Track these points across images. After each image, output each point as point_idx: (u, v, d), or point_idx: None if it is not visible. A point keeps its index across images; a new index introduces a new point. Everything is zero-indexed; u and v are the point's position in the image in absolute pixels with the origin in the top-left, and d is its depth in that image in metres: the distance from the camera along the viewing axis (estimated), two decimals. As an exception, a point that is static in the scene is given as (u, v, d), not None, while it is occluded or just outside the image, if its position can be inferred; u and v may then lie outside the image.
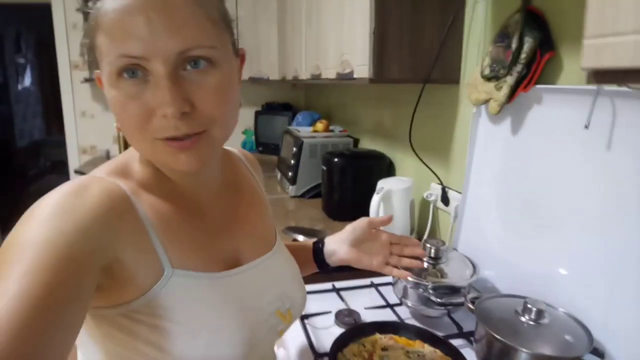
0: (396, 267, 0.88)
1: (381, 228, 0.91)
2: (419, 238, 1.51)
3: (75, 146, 3.37)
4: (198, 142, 0.51)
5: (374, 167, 1.76)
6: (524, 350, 0.75)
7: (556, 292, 0.93)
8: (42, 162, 6.64)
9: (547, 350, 0.76)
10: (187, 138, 0.50)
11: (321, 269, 0.88)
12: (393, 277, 0.89)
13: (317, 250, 0.87)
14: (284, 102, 3.18)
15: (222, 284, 0.58)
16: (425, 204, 1.51)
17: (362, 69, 1.27)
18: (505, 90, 1.02)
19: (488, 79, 1.08)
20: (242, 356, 0.55)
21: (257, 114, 3.07)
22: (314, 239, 0.91)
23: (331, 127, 2.21)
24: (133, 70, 0.48)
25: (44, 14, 3.27)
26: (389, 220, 0.90)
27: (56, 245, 0.41)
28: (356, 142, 2.17)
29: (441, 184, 1.41)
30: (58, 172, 6.38)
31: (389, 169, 1.79)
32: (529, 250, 1.05)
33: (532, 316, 0.81)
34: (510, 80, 1.01)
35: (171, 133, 0.49)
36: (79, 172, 2.94)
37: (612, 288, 0.84)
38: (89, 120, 3.34)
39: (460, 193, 1.32)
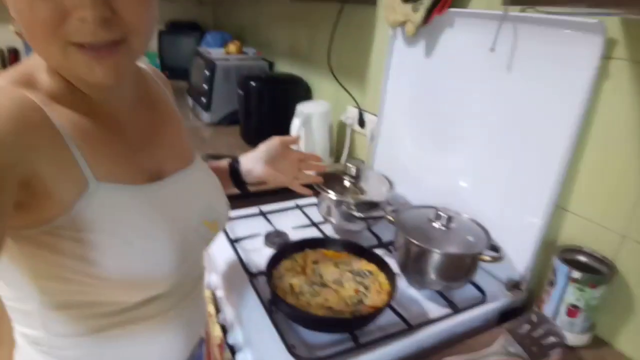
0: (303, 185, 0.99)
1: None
2: (337, 159, 1.58)
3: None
4: (116, 52, 0.48)
5: (292, 91, 1.75)
6: (436, 251, 0.86)
7: (460, 202, 1.05)
8: None
9: (455, 249, 0.88)
10: (103, 47, 0.47)
11: (239, 187, 0.93)
12: (299, 193, 0.98)
13: (234, 170, 0.91)
14: (191, 21, 2.95)
15: (149, 195, 0.58)
16: (342, 126, 1.56)
17: (279, -14, 1.22)
18: (421, 12, 1.06)
19: (406, 0, 1.10)
20: (176, 263, 0.57)
21: (161, 34, 2.81)
22: (228, 159, 0.93)
23: (244, 49, 2.12)
24: None
25: None
26: (297, 139, 0.98)
27: None
28: (271, 65, 2.12)
29: (358, 107, 1.46)
30: None
31: (306, 93, 1.80)
32: (437, 166, 1.15)
33: (443, 222, 0.92)
34: (426, 2, 1.04)
35: (88, 39, 0.46)
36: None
37: (505, 197, 0.97)
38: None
39: (376, 115, 1.38)
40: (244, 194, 0.95)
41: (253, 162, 0.92)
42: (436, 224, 0.92)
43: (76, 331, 0.56)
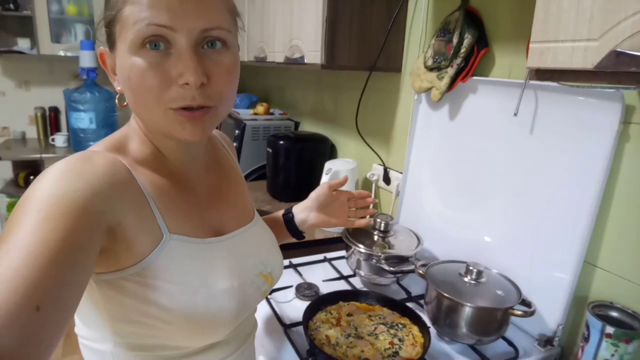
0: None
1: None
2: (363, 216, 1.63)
3: (-16, 127, 3.08)
4: (206, 114, 0.56)
5: (317, 149, 1.84)
6: (468, 304, 0.89)
7: (487, 257, 1.08)
8: None
9: (486, 304, 0.90)
10: (196, 110, 0.55)
11: (295, 236, 0.97)
12: (355, 227, 1.01)
13: (289, 221, 0.95)
14: (218, 84, 3.13)
15: (212, 248, 0.63)
16: (367, 183, 1.62)
17: (313, 54, 1.33)
18: (446, 80, 1.15)
19: (431, 69, 1.20)
20: (235, 311, 0.62)
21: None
22: (282, 211, 0.98)
23: (271, 110, 2.25)
24: (156, 42, 0.53)
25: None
26: (345, 180, 1.00)
27: (72, 199, 0.45)
28: (296, 125, 2.23)
29: (383, 164, 1.53)
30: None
31: (331, 151, 1.88)
32: (463, 222, 1.20)
33: (473, 277, 0.95)
34: (450, 71, 1.14)
35: (187, 102, 0.54)
36: (-9, 156, 2.70)
37: (533, 252, 1.00)
38: (-1, 98, 3.05)
39: (400, 173, 1.44)
40: (299, 241, 1.00)
41: (306, 212, 0.96)
42: (466, 279, 0.95)
43: None
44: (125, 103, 0.61)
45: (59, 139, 2.94)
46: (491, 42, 1.11)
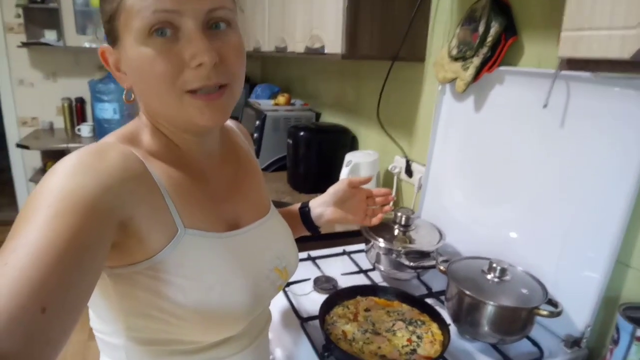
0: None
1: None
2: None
3: (14, 117, 3.15)
4: (223, 95, 0.56)
5: (338, 140, 1.82)
6: (490, 303, 0.86)
7: (513, 254, 1.04)
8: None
9: (510, 303, 0.87)
10: (213, 91, 0.55)
11: (311, 230, 0.95)
12: (373, 224, 1.00)
13: (305, 215, 0.94)
14: (240, 74, 3.13)
15: (228, 242, 0.62)
16: (389, 175, 1.59)
17: (334, 44, 1.30)
18: (471, 70, 1.10)
19: (455, 59, 1.16)
20: (249, 306, 0.61)
21: (212, 85, 3.00)
22: (299, 205, 0.96)
23: (292, 101, 2.23)
24: (162, 29, 0.52)
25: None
26: (368, 180, 0.99)
27: (82, 196, 0.44)
28: (318, 115, 2.21)
29: (405, 157, 1.50)
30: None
31: (352, 143, 1.86)
32: (488, 217, 1.16)
33: (497, 274, 0.92)
34: (476, 61, 1.09)
35: (203, 82, 0.53)
36: (21, 146, 2.77)
37: (561, 250, 0.96)
38: (27, 89, 3.12)
39: (423, 165, 1.41)
40: (313, 236, 0.98)
41: (323, 206, 0.94)
42: (489, 276, 0.92)
43: None
44: (132, 98, 0.61)
45: (85, 129, 3.00)
46: (520, 31, 1.06)
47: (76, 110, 3.19)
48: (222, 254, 0.60)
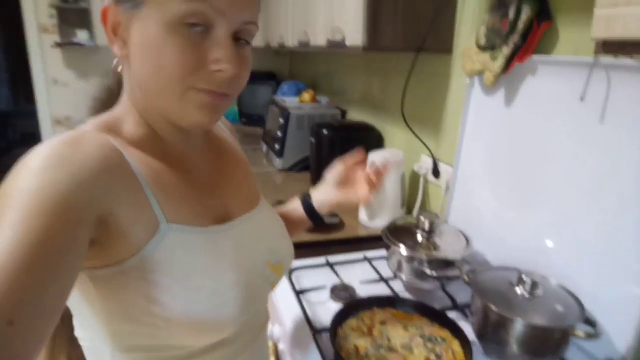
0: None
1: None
2: (410, 211, 1.52)
3: (48, 117, 3.24)
4: (224, 100, 0.55)
5: (364, 139, 1.74)
6: (520, 321, 0.77)
7: (547, 264, 0.94)
8: (11, 134, 6.38)
9: (542, 321, 0.78)
10: (218, 97, 0.54)
11: (314, 221, 0.89)
12: (372, 198, 0.87)
13: (307, 205, 0.88)
14: (268, 71, 3.10)
15: (216, 237, 0.59)
16: (415, 176, 1.51)
17: (354, 36, 1.23)
18: (501, 61, 1.01)
19: (484, 49, 1.06)
20: (241, 306, 0.57)
21: (240, 83, 2.98)
22: (299, 196, 0.90)
23: (318, 98, 2.17)
24: (197, 24, 0.51)
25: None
26: (360, 155, 0.91)
27: (52, 194, 0.41)
28: (344, 113, 2.14)
29: (432, 156, 1.41)
30: (29, 145, 6.09)
31: (378, 141, 1.78)
32: (520, 223, 1.06)
33: (527, 288, 0.82)
34: (506, 50, 1.00)
35: (214, 87, 0.53)
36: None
37: (601, 261, 0.85)
38: (62, 89, 3.21)
39: (451, 166, 1.32)
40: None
41: (324, 193, 0.88)
42: (519, 290, 0.83)
43: None
44: (120, 69, 0.58)
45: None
46: (554, 15, 0.95)
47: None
48: (210, 249, 0.57)
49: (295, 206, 0.89)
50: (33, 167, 0.43)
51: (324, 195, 0.88)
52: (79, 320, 0.57)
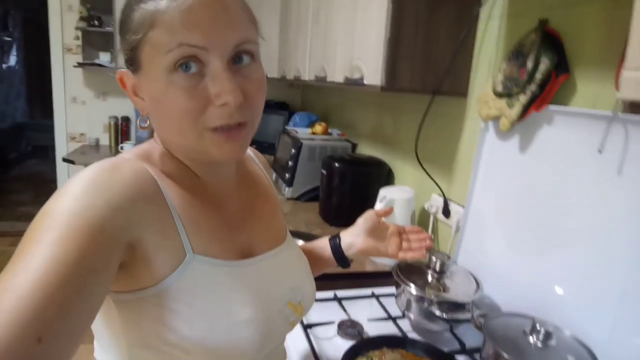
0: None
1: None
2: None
3: (64, 132, 3.30)
4: (243, 131, 0.56)
5: (374, 174, 1.76)
6: (532, 372, 0.76)
7: (559, 312, 0.94)
8: (24, 146, 6.46)
9: (555, 373, 0.77)
10: (234, 127, 0.54)
11: (340, 263, 0.90)
12: (408, 259, 0.92)
13: (335, 246, 0.89)
14: (281, 101, 3.15)
15: (239, 272, 0.59)
16: (424, 214, 1.51)
17: (373, 75, 1.26)
18: (517, 108, 1.03)
19: (500, 95, 1.08)
20: (258, 343, 0.57)
21: (253, 111, 3.03)
22: (328, 236, 0.92)
23: (329, 130, 2.20)
24: (187, 64, 0.51)
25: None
26: (390, 210, 0.96)
27: (88, 217, 0.43)
28: (354, 146, 2.16)
29: (443, 195, 1.41)
30: (40, 157, 6.21)
31: (387, 177, 1.79)
32: (532, 268, 1.05)
33: (540, 337, 0.82)
34: (523, 99, 1.02)
35: (225, 121, 0.53)
36: (67, 160, 2.87)
37: (616, 314, 0.85)
38: (79, 106, 3.27)
39: (462, 206, 1.32)
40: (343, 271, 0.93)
41: (354, 236, 0.90)
42: (532, 338, 0.82)
43: None
44: (146, 124, 0.60)
45: (127, 147, 3.09)
46: (572, 68, 0.98)
47: (121, 129, 3.30)
48: (231, 283, 0.58)
49: (322, 245, 0.90)
50: (74, 190, 0.45)
51: (353, 239, 0.90)
52: (100, 342, 0.58)
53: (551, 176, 1.02)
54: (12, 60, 6.52)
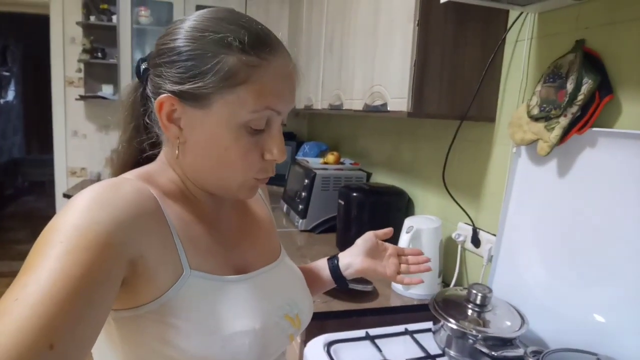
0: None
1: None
2: (445, 280, 1.45)
3: (64, 167, 3.23)
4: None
5: (393, 203, 1.70)
6: (608, 417, 0.69)
7: (607, 345, 0.87)
8: (19, 182, 6.37)
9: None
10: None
11: (338, 283, 0.90)
12: (404, 285, 0.92)
13: (333, 266, 0.90)
14: (288, 132, 3.12)
15: (233, 287, 0.62)
16: (451, 244, 1.45)
17: (398, 101, 1.23)
18: (557, 131, 0.99)
19: (537, 119, 1.05)
20: (256, 354, 0.59)
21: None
22: (326, 257, 0.92)
23: (341, 160, 2.16)
24: (260, 124, 0.58)
25: (37, 26, 3.18)
26: (390, 232, 0.95)
27: (94, 231, 0.45)
28: (368, 175, 2.11)
29: (472, 224, 1.36)
30: (36, 193, 6.10)
31: (407, 206, 1.74)
32: (577, 299, 0.99)
33: (608, 377, 0.75)
34: (563, 121, 0.98)
35: (269, 174, 0.62)
36: (68, 196, 2.80)
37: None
38: (80, 140, 3.22)
39: (493, 235, 1.26)
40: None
41: (352, 256, 0.90)
42: (598, 378, 0.75)
43: None
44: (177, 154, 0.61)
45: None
46: (615, 88, 0.94)
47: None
48: (226, 298, 0.59)
49: (320, 265, 0.91)
50: (78, 207, 0.47)
51: (352, 259, 0.90)
52: (100, 359, 0.59)
53: (596, 201, 0.97)
54: (10, 95, 6.52)
